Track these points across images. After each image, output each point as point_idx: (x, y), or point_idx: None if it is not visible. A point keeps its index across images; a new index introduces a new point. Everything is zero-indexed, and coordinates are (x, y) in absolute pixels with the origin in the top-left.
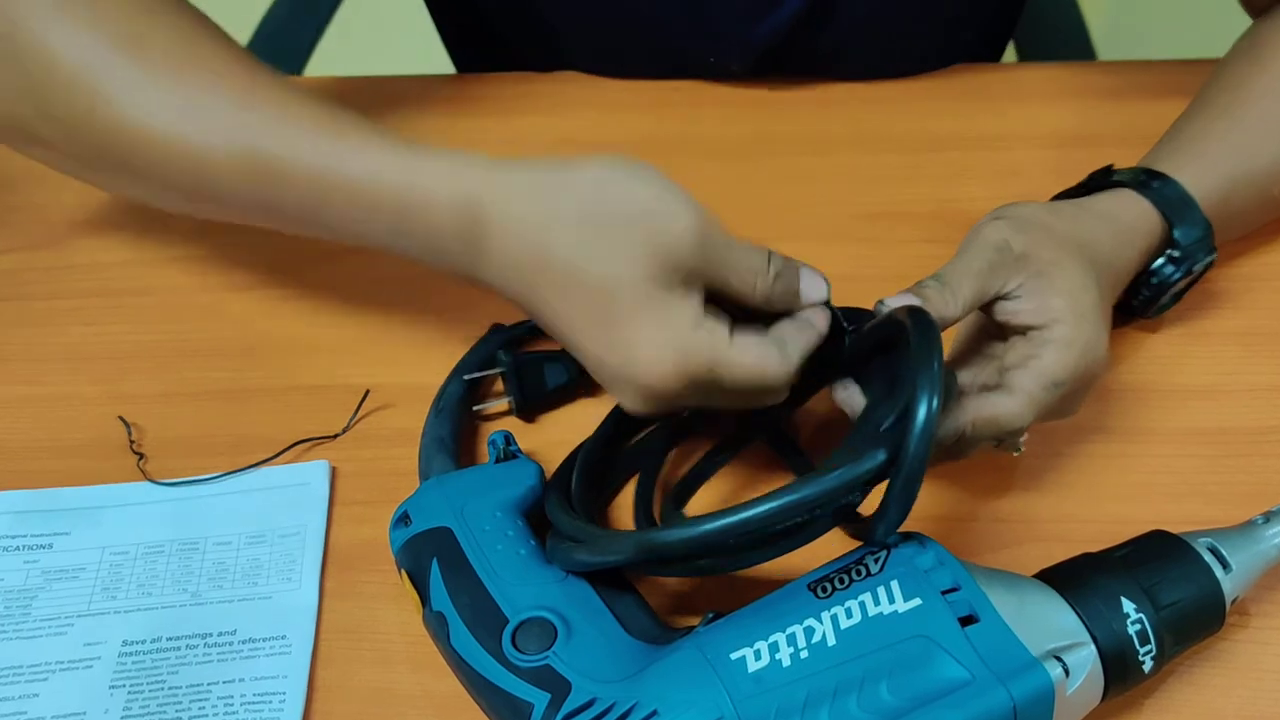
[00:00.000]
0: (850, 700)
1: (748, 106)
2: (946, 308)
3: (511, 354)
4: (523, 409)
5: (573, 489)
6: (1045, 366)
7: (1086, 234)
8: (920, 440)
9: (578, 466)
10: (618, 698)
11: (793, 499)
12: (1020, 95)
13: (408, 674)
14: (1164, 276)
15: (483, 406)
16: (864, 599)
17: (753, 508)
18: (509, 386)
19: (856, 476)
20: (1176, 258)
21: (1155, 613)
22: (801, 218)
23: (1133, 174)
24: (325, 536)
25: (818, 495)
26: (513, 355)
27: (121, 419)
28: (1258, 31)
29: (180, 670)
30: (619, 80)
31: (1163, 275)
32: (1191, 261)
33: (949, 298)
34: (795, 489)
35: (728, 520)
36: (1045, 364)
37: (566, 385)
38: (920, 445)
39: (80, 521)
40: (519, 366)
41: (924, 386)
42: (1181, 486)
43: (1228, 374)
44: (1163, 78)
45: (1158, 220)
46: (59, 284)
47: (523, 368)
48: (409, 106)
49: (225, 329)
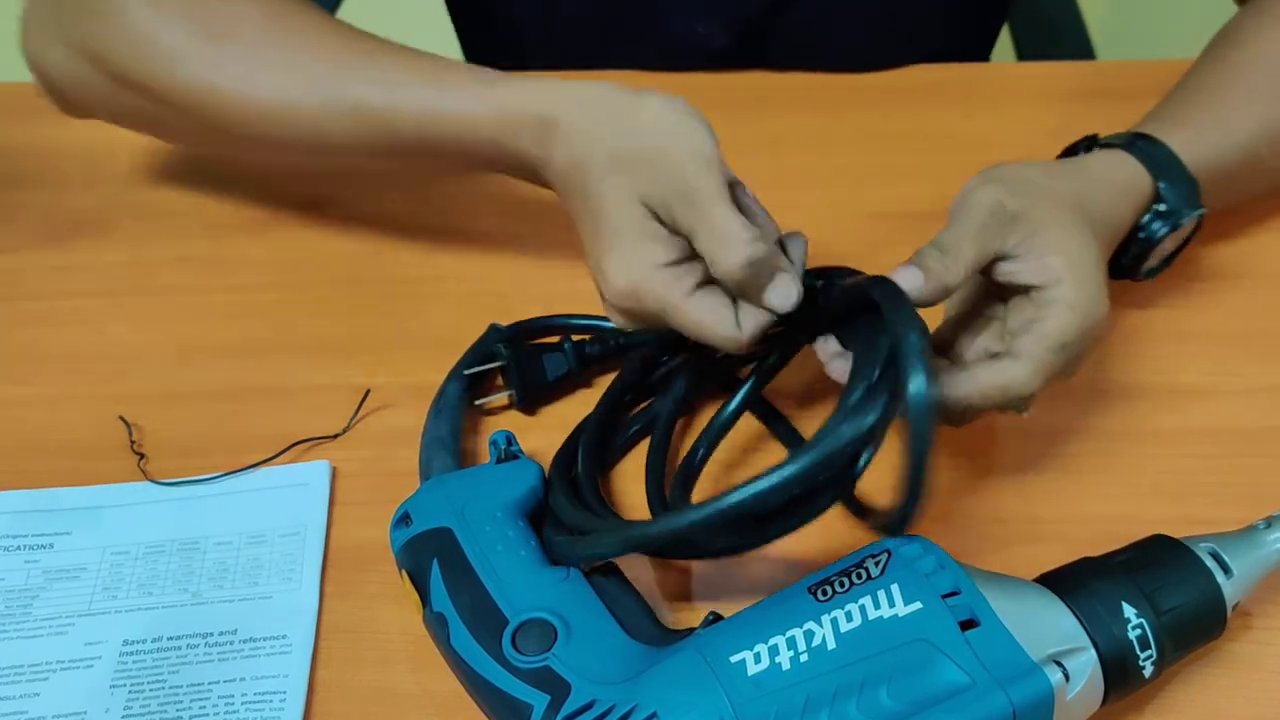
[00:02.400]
0: (850, 704)
1: (747, 106)
2: (948, 274)
3: (511, 347)
4: (524, 401)
5: (579, 465)
6: (1050, 329)
7: (1082, 191)
8: (919, 421)
9: (582, 444)
10: (617, 699)
11: (774, 481)
12: (1020, 95)
13: (408, 674)
14: (1151, 232)
15: (484, 400)
16: (864, 602)
17: (740, 492)
18: (510, 379)
19: (842, 446)
20: (1163, 212)
21: (1156, 618)
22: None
23: (1119, 137)
24: (325, 536)
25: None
26: (513, 348)
27: (122, 419)
28: (1237, 18)
29: (181, 670)
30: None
31: (1150, 230)
32: (1178, 216)
33: (950, 264)
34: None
35: (716, 507)
36: (1050, 326)
37: (567, 376)
38: (920, 427)
39: (81, 521)
40: (519, 359)
41: (912, 366)
42: (1181, 487)
43: (1228, 374)
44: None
45: (1146, 178)
46: (59, 284)
47: (523, 360)
48: None
49: (225, 329)
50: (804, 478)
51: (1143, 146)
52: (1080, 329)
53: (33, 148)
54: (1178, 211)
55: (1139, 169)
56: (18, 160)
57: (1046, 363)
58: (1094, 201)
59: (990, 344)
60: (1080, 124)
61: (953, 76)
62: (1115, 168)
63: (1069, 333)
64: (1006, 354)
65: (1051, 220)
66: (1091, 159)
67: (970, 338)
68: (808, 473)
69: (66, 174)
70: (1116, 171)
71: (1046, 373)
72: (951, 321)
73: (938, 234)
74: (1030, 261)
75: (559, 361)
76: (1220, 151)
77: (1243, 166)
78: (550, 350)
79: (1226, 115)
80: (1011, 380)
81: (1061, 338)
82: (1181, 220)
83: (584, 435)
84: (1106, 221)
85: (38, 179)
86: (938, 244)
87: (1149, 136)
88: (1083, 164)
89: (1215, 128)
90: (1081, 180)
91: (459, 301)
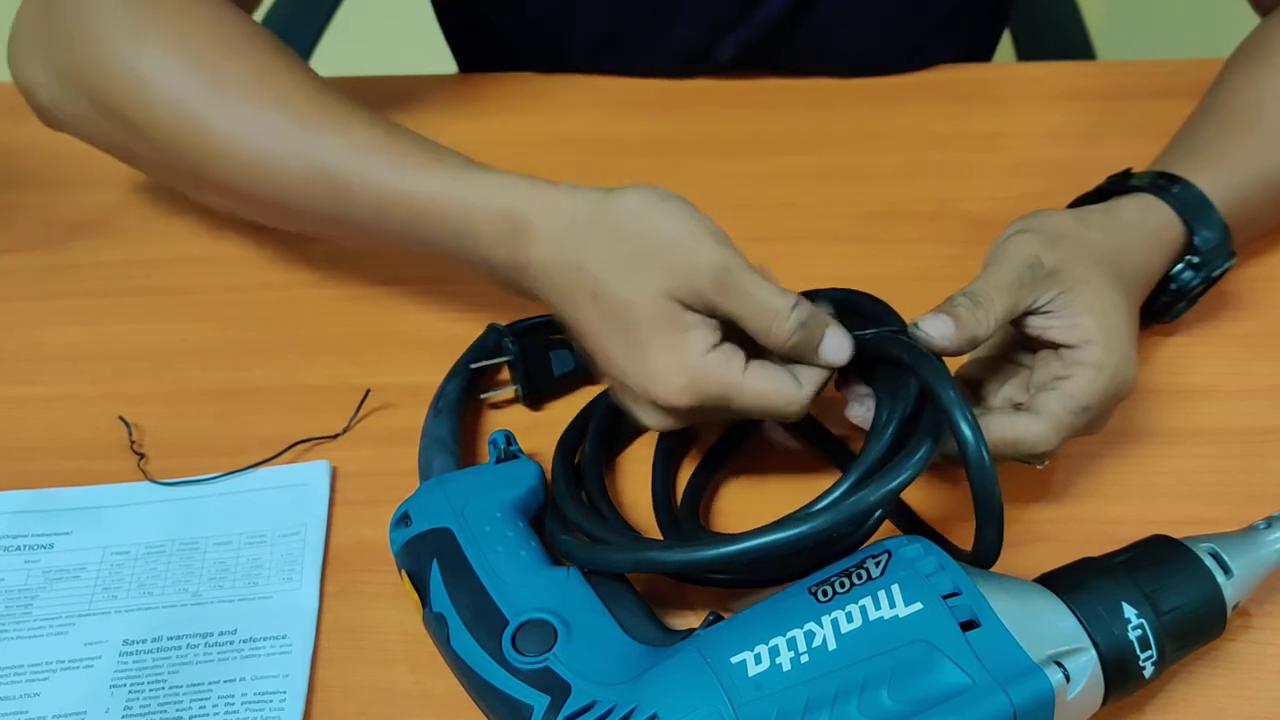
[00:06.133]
0: (851, 705)
1: (748, 106)
2: (979, 326)
3: (518, 342)
4: (530, 396)
5: (585, 451)
6: (1075, 390)
7: (1116, 247)
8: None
9: (591, 433)
10: (618, 700)
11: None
12: (1020, 95)
13: (408, 674)
14: (1183, 283)
15: (489, 395)
16: (865, 603)
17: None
18: (516, 374)
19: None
20: (1196, 264)
21: (1156, 618)
22: (801, 218)
23: (1151, 178)
24: (325, 536)
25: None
26: (519, 343)
27: (121, 419)
28: (1266, 31)
29: (181, 670)
30: (618, 79)
31: (1182, 281)
32: (1211, 267)
33: (981, 317)
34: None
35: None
36: (1075, 388)
37: (573, 372)
38: (981, 476)
39: (81, 521)
40: (525, 354)
41: (961, 423)
42: (1182, 487)
43: (1228, 374)
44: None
45: (1179, 226)
46: (59, 284)
47: (529, 355)
48: (409, 106)
49: (225, 329)
50: (825, 533)
51: (1175, 192)
52: (1105, 392)
53: (33, 148)
54: (1211, 263)
55: (1172, 217)
56: (18, 160)
57: (1067, 424)
58: (1129, 257)
59: (1014, 393)
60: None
61: (953, 76)
62: (1147, 215)
63: (1093, 396)
64: (1028, 409)
65: (1085, 278)
66: (1123, 207)
67: (996, 383)
68: (830, 530)
69: (66, 174)
70: (1149, 220)
71: (1066, 433)
72: (978, 363)
73: (972, 282)
74: (1062, 319)
75: (564, 358)
76: (1251, 188)
77: (1277, 202)
78: (556, 346)
79: (1257, 148)
80: (1028, 436)
81: (1086, 400)
82: (1214, 271)
83: (593, 421)
84: (1139, 273)
85: (37, 179)
86: (970, 293)
87: (1179, 179)
88: (1115, 213)
89: (1247, 162)
90: (1115, 232)
91: (459, 301)
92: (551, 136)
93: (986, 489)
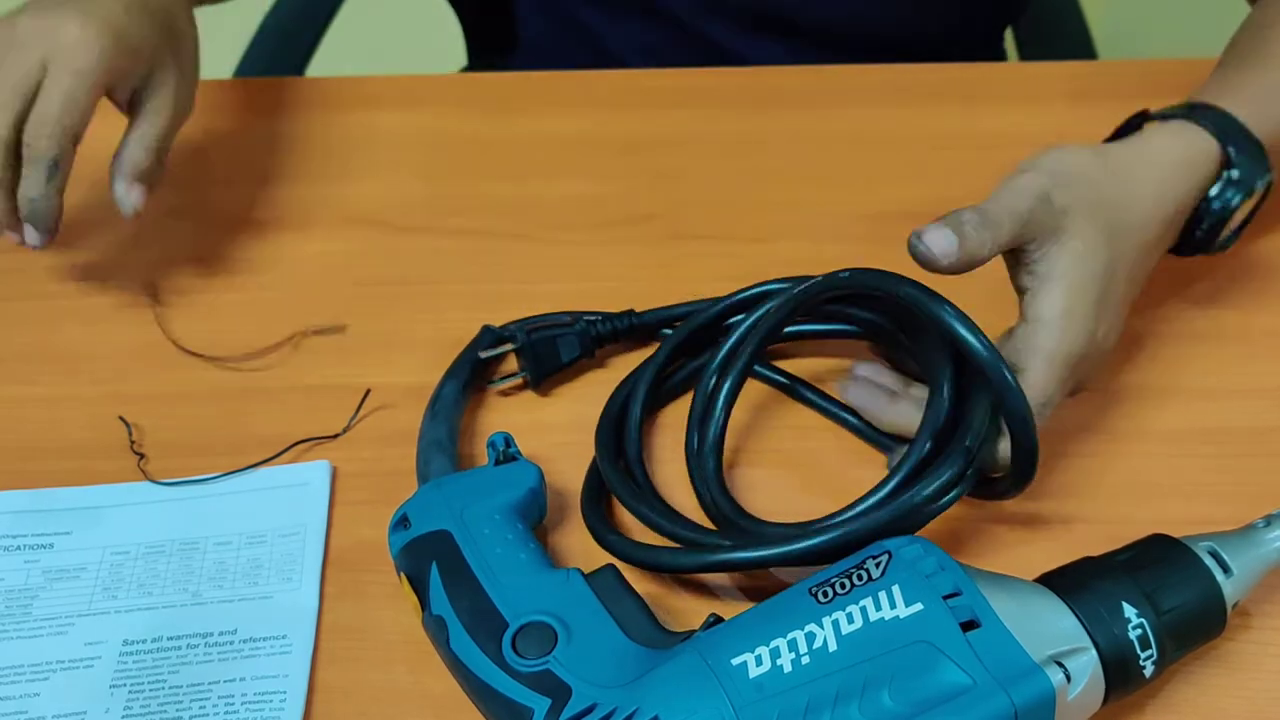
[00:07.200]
0: (852, 706)
1: (748, 105)
2: (982, 248)
3: (526, 330)
4: (538, 383)
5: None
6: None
7: (1128, 194)
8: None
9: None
10: (619, 703)
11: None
12: (1020, 95)
13: (407, 674)
14: (1225, 201)
15: (496, 383)
16: (865, 604)
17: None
18: (524, 361)
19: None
20: (1235, 180)
21: (1156, 617)
22: (802, 218)
23: (1178, 108)
24: (325, 536)
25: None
26: (527, 331)
27: (121, 419)
28: (1263, 4)
29: (181, 670)
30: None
31: (1224, 199)
32: (1250, 183)
33: (986, 238)
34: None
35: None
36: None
37: (579, 359)
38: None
39: (81, 521)
40: (533, 341)
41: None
42: (1182, 487)
43: (1228, 374)
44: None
45: (1214, 146)
46: (58, 284)
47: (537, 343)
48: (410, 106)
49: (224, 329)
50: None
51: (1208, 114)
52: (1061, 380)
53: None
54: (1250, 178)
55: (1206, 137)
56: None
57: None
58: (1138, 200)
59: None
60: (1080, 124)
61: (954, 76)
62: (1180, 140)
63: (1051, 388)
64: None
65: (1076, 232)
66: (1154, 139)
67: None
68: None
69: None
70: (1181, 144)
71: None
72: None
73: (984, 202)
74: (1035, 284)
75: (571, 345)
76: (1276, 121)
77: None
78: (563, 334)
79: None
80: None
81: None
82: (1255, 185)
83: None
84: (1162, 209)
85: None
86: (982, 211)
87: (1210, 105)
88: (1144, 149)
89: (1267, 95)
90: (1138, 174)
91: (458, 301)
92: (552, 135)
93: (1011, 402)
